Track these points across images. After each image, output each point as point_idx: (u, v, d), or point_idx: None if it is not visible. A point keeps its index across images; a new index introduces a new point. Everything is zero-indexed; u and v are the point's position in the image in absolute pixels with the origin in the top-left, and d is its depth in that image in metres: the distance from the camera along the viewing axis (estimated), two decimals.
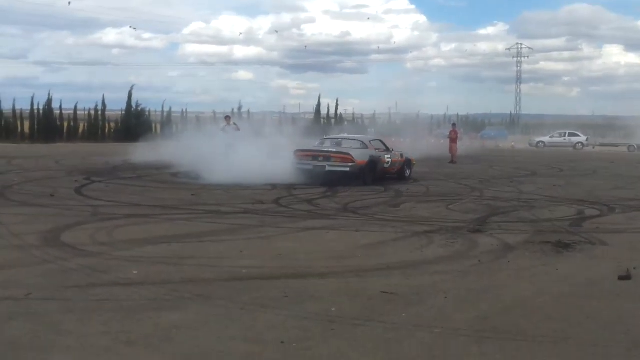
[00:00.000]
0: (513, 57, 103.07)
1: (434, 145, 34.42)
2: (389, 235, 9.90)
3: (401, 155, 19.70)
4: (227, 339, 5.16)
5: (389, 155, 18.90)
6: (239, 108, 49.24)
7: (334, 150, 18.20)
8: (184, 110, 50.33)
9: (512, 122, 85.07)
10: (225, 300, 6.24)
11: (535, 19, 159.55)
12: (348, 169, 17.40)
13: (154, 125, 45.59)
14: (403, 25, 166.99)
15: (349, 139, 19.89)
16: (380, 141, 19.92)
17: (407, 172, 19.86)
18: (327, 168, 17.49)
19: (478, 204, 13.88)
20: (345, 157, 17.58)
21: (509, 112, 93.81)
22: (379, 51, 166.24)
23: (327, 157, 17.75)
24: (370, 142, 19.27)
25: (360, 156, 17.74)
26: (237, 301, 6.21)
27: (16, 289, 6.47)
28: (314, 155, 18.01)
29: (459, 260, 8.31)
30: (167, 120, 46.62)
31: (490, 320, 5.87)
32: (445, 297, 6.55)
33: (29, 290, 6.37)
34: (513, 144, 51.16)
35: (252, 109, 51.04)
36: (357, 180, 17.35)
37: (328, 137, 21.69)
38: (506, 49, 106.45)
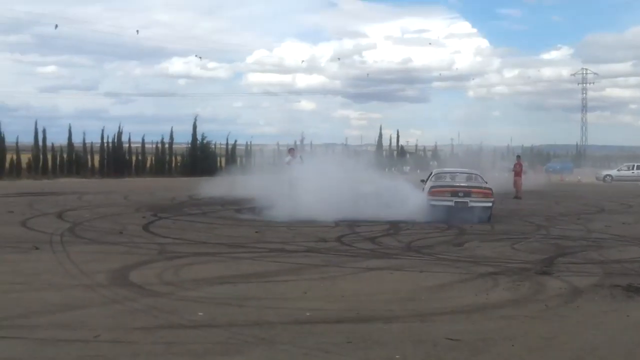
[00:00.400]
0: (578, 84, 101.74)
1: (497, 178, 33.96)
2: (453, 277, 9.79)
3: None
4: None
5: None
6: (302, 140, 49.65)
7: (475, 185, 18.52)
8: (249, 142, 50.98)
9: (578, 154, 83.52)
10: (289, 345, 6.26)
11: (600, 42, 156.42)
12: (490, 204, 17.78)
13: (219, 158, 46.32)
14: (465, 50, 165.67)
15: (470, 174, 20.18)
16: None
17: None
18: (470, 204, 17.67)
19: (544, 243, 13.62)
20: (487, 192, 17.99)
21: (575, 143, 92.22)
22: (440, 78, 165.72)
23: (467, 192, 17.93)
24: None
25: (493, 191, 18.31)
26: (300, 346, 6.22)
27: (85, 330, 6.63)
28: (453, 191, 18.04)
29: (526, 304, 8.15)
30: (232, 153, 47.31)
31: None
32: (512, 345, 6.42)
33: (98, 332, 6.52)
34: (579, 177, 50.09)
35: (315, 140, 51.54)
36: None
37: (442, 171, 21.51)
38: (571, 75, 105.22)
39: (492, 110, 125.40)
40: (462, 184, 18.70)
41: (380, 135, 55.72)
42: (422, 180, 20.45)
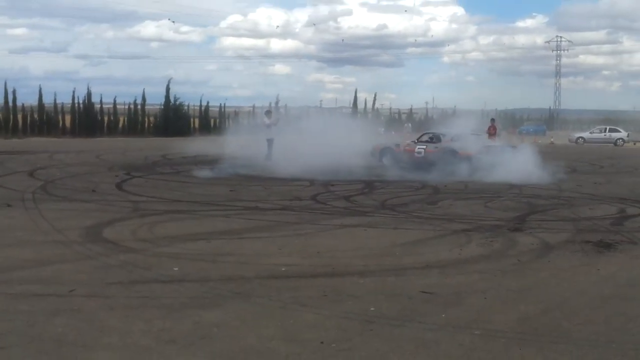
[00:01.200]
0: (552, 51, 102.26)
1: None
2: (427, 234, 9.87)
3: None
4: (266, 338, 5.21)
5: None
6: (277, 102, 49.30)
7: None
8: (222, 104, 50.57)
9: (551, 118, 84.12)
10: (265, 299, 6.29)
11: (575, 11, 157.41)
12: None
13: (192, 120, 45.98)
14: (441, 17, 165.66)
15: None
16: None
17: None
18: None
19: (517, 202, 13.76)
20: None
21: (548, 107, 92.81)
22: (415, 44, 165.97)
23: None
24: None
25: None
26: (276, 300, 6.26)
27: (60, 285, 6.60)
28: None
29: (498, 259, 8.26)
30: (205, 114, 46.98)
31: (530, 321, 5.83)
32: (485, 298, 6.52)
33: (73, 287, 6.49)
34: (552, 139, 50.49)
35: (289, 103, 51.18)
36: None
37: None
38: (545, 42, 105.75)
39: (467, 76, 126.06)
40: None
41: (356, 98, 55.49)
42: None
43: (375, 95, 58.61)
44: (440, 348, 5.11)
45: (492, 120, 32.11)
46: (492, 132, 29.22)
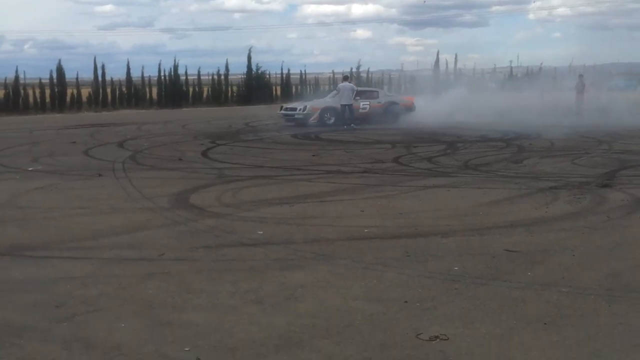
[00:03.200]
0: None
1: (557, 98, 33.01)
2: (511, 193, 9.70)
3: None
4: (350, 298, 5.25)
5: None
6: (358, 67, 49.13)
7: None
8: (303, 71, 50.60)
9: None
10: (348, 260, 6.33)
11: None
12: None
13: (274, 87, 46.24)
14: None
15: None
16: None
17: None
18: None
19: (606, 158, 13.33)
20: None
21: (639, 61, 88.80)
22: (500, 2, 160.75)
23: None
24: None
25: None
26: (359, 260, 6.29)
27: (150, 249, 6.82)
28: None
29: (587, 216, 8.05)
30: (287, 82, 47.17)
31: (620, 278, 5.68)
32: (573, 255, 6.37)
33: (162, 251, 6.71)
34: None
35: (371, 67, 50.82)
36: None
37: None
38: None
39: (553, 32, 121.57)
40: None
41: (437, 60, 54.40)
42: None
43: (456, 56, 57.39)
44: (526, 306, 5.04)
45: (580, 76, 30.97)
46: (580, 87, 28.21)
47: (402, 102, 25.38)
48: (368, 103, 24.10)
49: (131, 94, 40.57)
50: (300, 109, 23.56)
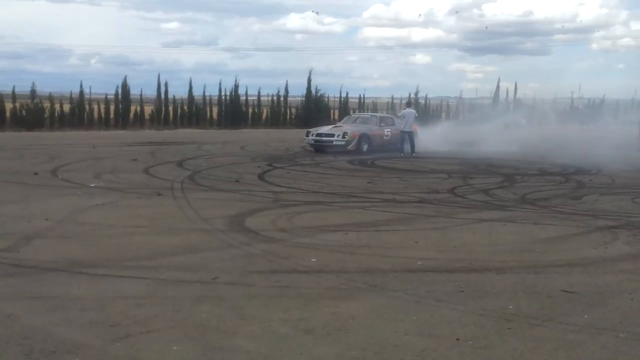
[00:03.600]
0: None
1: (619, 131, 32.40)
2: (569, 230, 9.53)
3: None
4: (401, 332, 5.23)
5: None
6: (416, 93, 49.15)
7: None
8: (361, 95, 50.80)
9: None
10: (400, 292, 6.31)
11: None
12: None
13: (332, 111, 46.48)
14: (590, 2, 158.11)
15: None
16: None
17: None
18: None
19: None
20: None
21: None
22: (562, 31, 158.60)
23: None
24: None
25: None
26: (411, 294, 6.26)
27: (204, 272, 6.92)
28: None
29: None
30: (345, 105, 47.37)
31: None
32: (632, 299, 6.23)
33: (216, 274, 6.79)
34: None
35: (429, 93, 50.71)
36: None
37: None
38: None
39: (617, 63, 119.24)
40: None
41: (498, 88, 53.99)
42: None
43: (515, 84, 56.96)
44: (581, 350, 4.94)
45: None
46: None
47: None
48: (390, 130, 24.11)
49: (192, 112, 41.27)
50: (338, 135, 22.72)
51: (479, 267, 7.32)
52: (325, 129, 23.96)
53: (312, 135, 23.59)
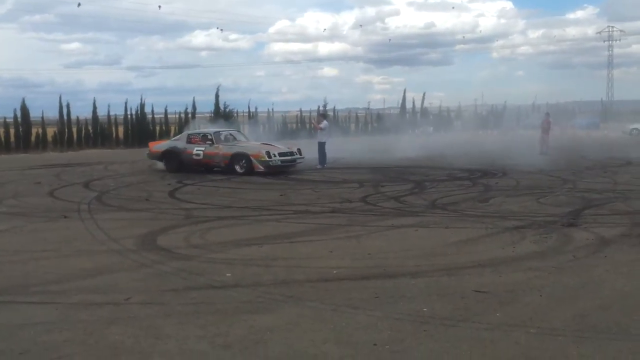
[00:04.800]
0: (604, 41, 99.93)
1: (521, 136, 33.61)
2: (479, 232, 9.77)
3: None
4: (319, 341, 5.22)
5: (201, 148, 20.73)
6: (324, 105, 49.54)
7: None
8: (270, 109, 50.82)
9: (605, 110, 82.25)
10: (317, 302, 6.31)
11: (625, 0, 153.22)
12: None
13: (241, 126, 46.30)
14: (489, 13, 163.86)
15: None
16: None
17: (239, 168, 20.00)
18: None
19: (571, 197, 13.53)
20: None
21: (600, 99, 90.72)
22: (464, 41, 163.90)
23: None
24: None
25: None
26: (328, 303, 6.27)
27: (116, 293, 6.72)
28: None
29: (553, 256, 8.13)
30: (254, 120, 47.28)
31: (588, 318, 5.73)
32: (540, 295, 6.43)
33: (129, 295, 6.61)
34: (606, 132, 49.38)
35: (337, 105, 51.30)
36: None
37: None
38: (596, 33, 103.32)
39: (516, 71, 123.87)
40: None
41: (404, 98, 55.08)
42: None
43: (424, 94, 58.35)
44: (495, 347, 5.05)
45: (547, 114, 31.48)
46: (545, 126, 28.70)
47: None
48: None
49: (97, 133, 40.25)
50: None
51: (393, 273, 7.40)
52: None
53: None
